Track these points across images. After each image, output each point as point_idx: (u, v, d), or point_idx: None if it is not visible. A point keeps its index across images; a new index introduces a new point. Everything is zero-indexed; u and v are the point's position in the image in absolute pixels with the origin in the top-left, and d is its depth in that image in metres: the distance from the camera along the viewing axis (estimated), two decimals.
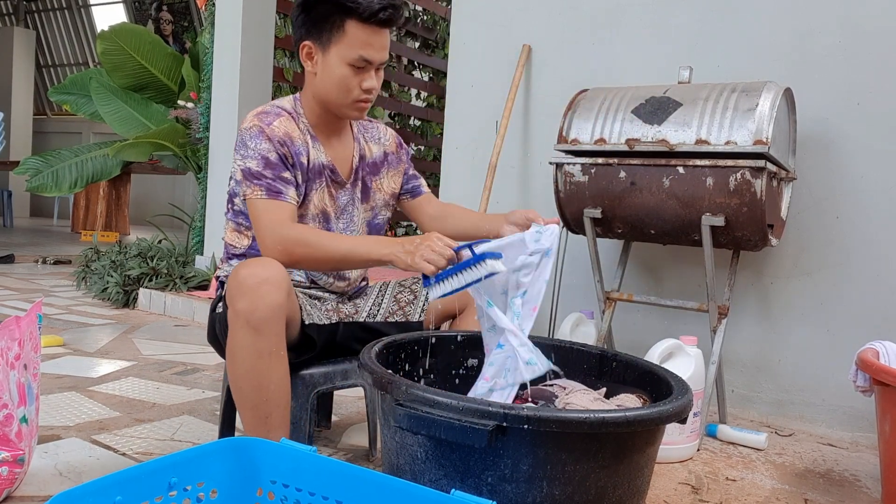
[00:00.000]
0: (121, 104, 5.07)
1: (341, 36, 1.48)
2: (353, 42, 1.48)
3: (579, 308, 2.52)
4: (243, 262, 1.44)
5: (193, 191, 6.78)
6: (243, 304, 1.35)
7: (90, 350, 2.76)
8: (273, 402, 1.41)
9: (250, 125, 1.51)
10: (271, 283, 1.36)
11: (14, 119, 10.50)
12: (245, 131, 1.51)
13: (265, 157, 1.48)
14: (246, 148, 1.50)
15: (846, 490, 1.77)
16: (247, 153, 1.49)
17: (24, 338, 1.44)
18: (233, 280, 1.39)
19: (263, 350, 1.37)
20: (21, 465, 1.40)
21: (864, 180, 2.20)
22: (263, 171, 1.48)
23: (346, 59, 1.49)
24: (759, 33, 2.35)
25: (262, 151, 1.48)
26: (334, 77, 1.51)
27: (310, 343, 1.57)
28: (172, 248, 4.34)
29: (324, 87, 1.54)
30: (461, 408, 1.08)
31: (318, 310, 1.63)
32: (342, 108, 1.56)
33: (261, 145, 1.49)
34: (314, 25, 1.50)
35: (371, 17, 1.46)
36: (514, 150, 2.88)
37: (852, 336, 2.14)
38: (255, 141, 1.49)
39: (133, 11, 10.83)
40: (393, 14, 1.48)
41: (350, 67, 1.50)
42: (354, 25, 1.47)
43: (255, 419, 1.42)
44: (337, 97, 1.54)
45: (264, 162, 1.48)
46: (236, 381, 1.41)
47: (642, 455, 1.20)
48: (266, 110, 1.55)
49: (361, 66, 1.50)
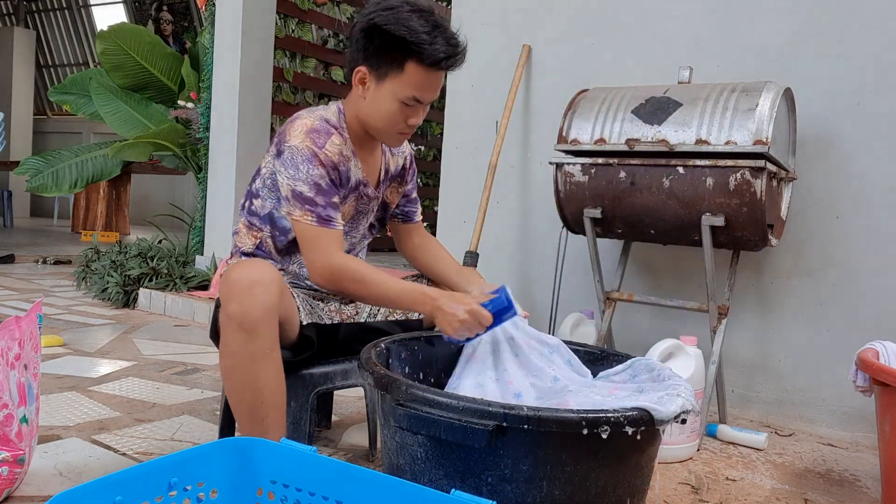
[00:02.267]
0: (121, 104, 5.07)
1: (399, 73, 1.45)
2: (409, 82, 1.45)
3: (579, 308, 2.52)
4: (234, 265, 1.44)
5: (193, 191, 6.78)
6: (234, 306, 1.35)
7: (90, 350, 2.76)
8: (269, 403, 1.41)
9: (301, 145, 1.47)
10: (262, 284, 1.35)
11: (14, 119, 10.51)
12: (296, 150, 1.47)
13: (317, 183, 1.46)
14: (297, 170, 1.46)
15: (846, 490, 1.77)
16: (297, 175, 1.46)
17: (24, 338, 1.44)
18: (224, 282, 1.39)
19: (256, 352, 1.37)
20: (21, 465, 1.40)
21: (864, 180, 2.20)
22: (315, 197, 1.46)
23: (398, 95, 1.47)
24: (759, 33, 2.35)
25: (315, 178, 1.46)
26: (382, 109, 1.49)
27: (308, 343, 1.57)
28: (172, 248, 4.34)
29: (370, 113, 1.52)
30: (461, 408, 1.08)
31: (321, 310, 1.63)
32: (383, 135, 1.55)
33: (313, 171, 1.46)
34: (374, 54, 1.47)
35: (434, 64, 1.44)
36: (514, 150, 2.88)
37: (852, 336, 2.14)
38: (307, 165, 1.46)
39: (133, 11, 10.83)
40: (455, 62, 1.47)
41: (400, 104, 1.48)
42: (414, 67, 1.44)
43: (251, 422, 1.42)
44: (381, 127, 1.53)
45: (316, 189, 1.46)
46: (231, 384, 1.41)
47: (642, 455, 1.20)
48: (316, 128, 1.51)
49: (412, 104, 1.49)
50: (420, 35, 1.41)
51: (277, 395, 1.43)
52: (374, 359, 1.33)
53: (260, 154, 4.18)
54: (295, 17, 4.68)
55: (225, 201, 4.09)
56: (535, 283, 2.83)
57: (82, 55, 11.80)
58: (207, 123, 4.21)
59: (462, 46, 1.48)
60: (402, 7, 1.44)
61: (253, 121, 4.10)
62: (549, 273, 2.71)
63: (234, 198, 4.04)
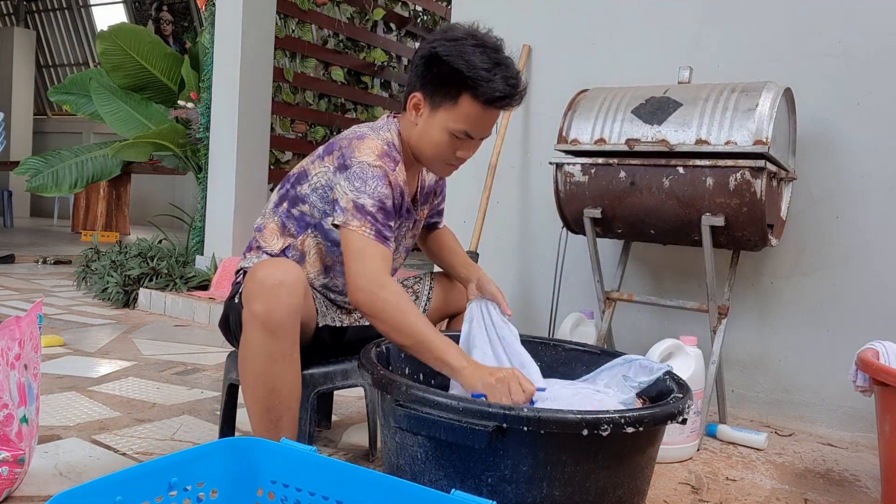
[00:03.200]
0: (121, 104, 5.07)
1: (453, 106, 1.44)
2: (462, 116, 1.44)
3: (579, 308, 2.52)
4: (261, 263, 1.43)
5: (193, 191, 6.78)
6: (259, 305, 1.34)
7: (90, 350, 2.76)
8: (285, 405, 1.41)
9: (375, 164, 1.45)
10: (287, 285, 1.35)
11: (14, 119, 10.51)
12: (367, 167, 1.45)
13: (383, 202, 1.44)
14: (364, 184, 1.43)
15: (846, 490, 1.77)
16: (364, 189, 1.43)
17: (24, 338, 1.44)
18: (250, 280, 1.38)
19: (277, 353, 1.37)
20: (21, 465, 1.40)
21: (864, 180, 2.20)
22: (377, 213, 1.43)
23: (450, 128, 1.46)
24: (759, 33, 2.35)
25: (382, 197, 1.44)
26: (433, 138, 1.48)
27: (321, 344, 1.57)
28: (172, 248, 4.34)
29: (420, 140, 1.51)
30: (461, 408, 1.08)
31: (335, 312, 1.63)
32: (430, 164, 1.54)
33: (382, 190, 1.44)
34: (431, 82, 1.45)
35: (489, 102, 1.42)
36: (514, 150, 2.88)
37: (852, 336, 2.14)
38: (377, 182, 1.44)
39: (133, 11, 10.83)
40: (510, 103, 1.44)
41: (451, 136, 1.47)
42: (469, 102, 1.42)
43: (265, 421, 1.42)
44: (430, 155, 1.51)
45: (380, 206, 1.44)
46: (249, 383, 1.41)
47: (642, 455, 1.20)
48: (387, 152, 1.49)
49: (463, 138, 1.47)
50: (479, 71, 1.39)
51: (294, 397, 1.43)
52: (374, 359, 1.33)
53: (261, 154, 4.19)
54: (295, 17, 4.68)
55: (225, 201, 4.09)
56: (535, 282, 2.83)
57: (82, 55, 11.80)
58: (207, 123, 4.21)
59: (521, 87, 1.45)
60: (467, 40, 1.43)
61: (253, 121, 4.10)
62: (549, 273, 2.71)
63: (234, 198, 4.03)
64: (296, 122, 4.79)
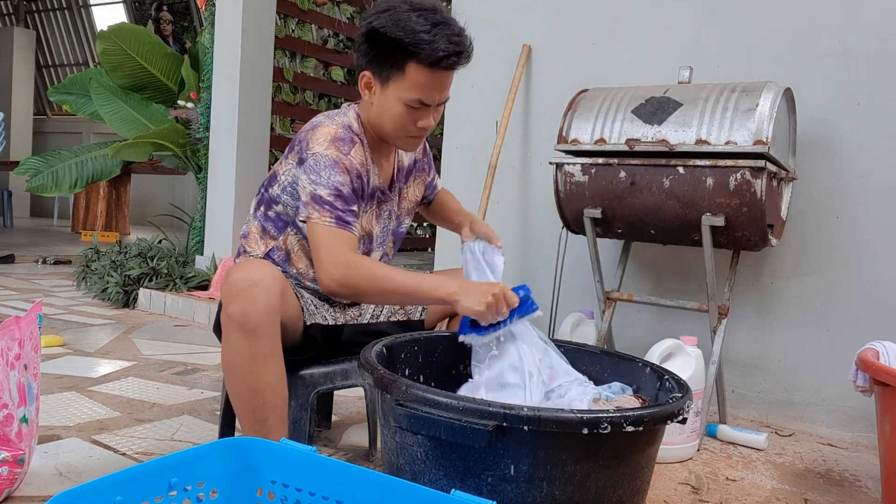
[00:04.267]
0: (121, 104, 5.07)
1: (401, 76, 1.43)
2: (412, 84, 1.43)
3: (579, 308, 2.52)
4: (235, 265, 1.43)
5: (193, 191, 6.78)
6: (235, 307, 1.34)
7: (90, 350, 2.76)
8: (270, 404, 1.41)
9: (325, 152, 1.45)
10: (262, 285, 1.35)
11: (14, 119, 10.50)
12: (320, 157, 1.45)
13: (339, 189, 1.44)
14: (318, 175, 1.44)
15: (846, 490, 1.77)
16: (319, 180, 1.43)
17: (24, 338, 1.44)
18: (224, 283, 1.38)
19: (258, 353, 1.37)
20: (21, 465, 1.40)
21: (864, 180, 2.20)
22: (335, 202, 1.43)
23: (403, 99, 1.45)
24: (759, 33, 2.35)
25: (337, 184, 1.44)
26: (390, 113, 1.48)
27: (312, 343, 1.56)
28: (172, 248, 4.34)
29: (379, 118, 1.51)
30: (461, 408, 1.08)
31: (325, 310, 1.63)
32: (395, 140, 1.54)
33: (336, 177, 1.44)
34: (375, 58, 1.45)
35: (433, 64, 1.40)
36: (514, 150, 2.88)
37: (852, 336, 2.14)
38: (329, 171, 1.44)
39: (133, 11, 10.83)
40: (457, 61, 1.42)
41: (407, 107, 1.46)
42: (415, 68, 1.41)
43: (252, 422, 1.41)
44: (391, 131, 1.51)
45: (336, 194, 1.43)
46: (232, 385, 1.41)
47: (642, 455, 1.20)
48: (341, 136, 1.49)
49: (418, 107, 1.46)
50: (418, 35, 1.38)
51: (278, 396, 1.42)
52: (374, 359, 1.33)
53: (261, 154, 4.18)
54: (295, 17, 4.68)
55: (225, 201, 4.09)
56: (535, 283, 2.82)
57: (82, 55, 11.80)
58: (207, 123, 4.21)
59: (466, 43, 1.43)
60: (401, 7, 1.41)
61: (253, 121, 4.10)
62: (549, 273, 2.71)
63: (233, 198, 4.03)
64: (296, 122, 4.79)
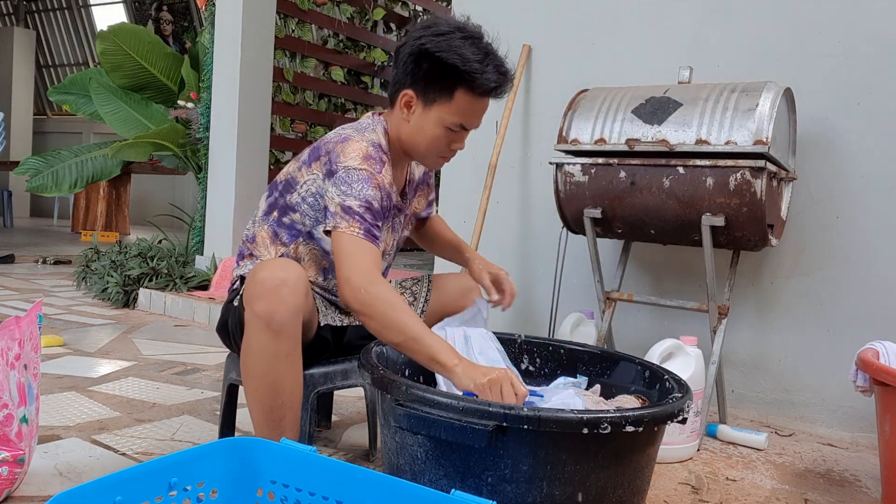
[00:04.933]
0: (120, 104, 5.07)
1: (448, 100, 1.44)
2: (457, 110, 1.45)
3: (579, 308, 2.52)
4: (262, 263, 1.43)
5: (193, 191, 6.78)
6: (262, 306, 1.34)
7: (90, 350, 2.76)
8: (287, 404, 1.41)
9: (360, 167, 1.44)
10: (290, 285, 1.35)
11: (14, 119, 10.50)
12: (352, 171, 1.43)
13: (369, 203, 1.43)
14: (350, 187, 1.42)
15: (846, 490, 1.77)
16: (350, 192, 1.42)
17: (24, 338, 1.44)
18: (251, 281, 1.38)
19: (281, 353, 1.37)
20: (21, 465, 1.40)
21: (864, 180, 2.20)
22: (364, 214, 1.42)
23: (445, 122, 1.46)
24: (759, 33, 2.35)
25: (369, 198, 1.43)
26: (427, 134, 1.48)
27: (323, 344, 1.57)
28: (172, 248, 4.34)
29: (413, 137, 1.51)
30: (461, 408, 1.08)
31: (334, 312, 1.63)
32: (425, 159, 1.55)
33: (368, 192, 1.43)
34: (422, 79, 1.45)
35: (484, 93, 1.44)
36: (514, 150, 2.88)
37: (852, 336, 2.14)
38: (362, 185, 1.43)
39: (133, 11, 10.83)
40: (505, 90, 1.46)
41: (446, 129, 1.47)
42: (464, 95, 1.43)
43: (268, 421, 1.42)
44: (424, 151, 1.52)
45: (367, 207, 1.42)
46: (252, 383, 1.41)
47: (642, 455, 1.20)
48: (372, 155, 1.47)
49: (457, 130, 1.48)
50: (472, 64, 1.40)
51: (296, 397, 1.43)
52: (374, 359, 1.33)
53: (261, 154, 4.18)
54: (295, 17, 4.68)
55: (225, 201, 4.09)
56: (535, 283, 2.82)
57: (82, 55, 11.79)
58: (207, 123, 4.21)
59: (511, 74, 1.48)
60: (455, 34, 1.43)
61: (253, 121, 4.10)
62: (549, 273, 2.71)
63: (234, 198, 4.03)
64: (296, 122, 4.79)
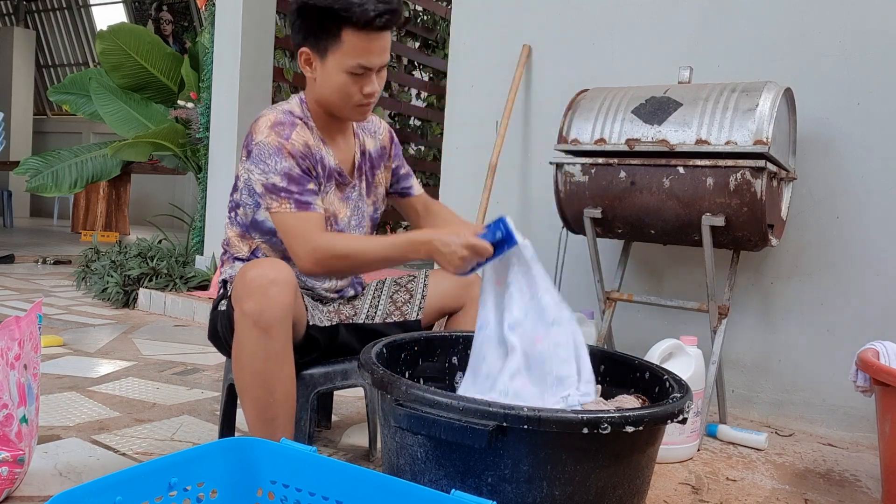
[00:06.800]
0: (120, 104, 5.07)
1: (338, 44, 1.43)
2: (349, 50, 1.43)
3: (579, 308, 2.52)
4: (251, 263, 1.43)
5: (193, 191, 6.78)
6: (251, 304, 1.34)
7: (90, 350, 2.76)
8: (280, 403, 1.41)
9: (267, 140, 1.46)
10: (279, 284, 1.35)
11: (14, 119, 10.50)
12: (263, 146, 1.46)
13: (288, 174, 1.45)
14: (266, 164, 1.45)
15: (846, 490, 1.77)
16: (267, 168, 1.45)
17: (24, 338, 1.44)
18: (240, 280, 1.38)
19: (271, 351, 1.37)
20: (21, 465, 1.40)
21: (864, 180, 2.20)
22: (289, 186, 1.44)
23: (344, 67, 1.45)
24: (759, 33, 2.35)
25: (285, 169, 1.45)
26: (334, 84, 1.48)
27: (313, 344, 1.57)
28: (172, 249, 4.34)
29: (324, 92, 1.51)
30: (461, 408, 1.08)
31: (321, 311, 1.63)
32: (344, 111, 1.54)
33: (282, 163, 1.45)
34: (310, 32, 1.45)
35: (367, 25, 1.40)
36: (514, 150, 2.88)
37: (852, 336, 2.14)
38: (275, 158, 1.45)
39: (133, 11, 10.83)
40: (390, 19, 1.42)
41: (349, 75, 1.46)
42: (350, 33, 1.41)
43: (261, 421, 1.42)
44: (338, 102, 1.51)
45: (288, 178, 1.45)
46: (243, 383, 1.41)
47: (642, 455, 1.20)
48: (280, 120, 1.49)
49: (360, 73, 1.46)
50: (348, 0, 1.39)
51: (289, 396, 1.43)
52: (374, 359, 1.33)
53: None
54: None
55: (225, 201, 4.06)
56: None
57: (82, 55, 11.79)
58: (207, 123, 4.21)
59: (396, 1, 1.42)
60: None
61: None
62: (549, 273, 2.71)
63: None
64: None
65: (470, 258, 1.35)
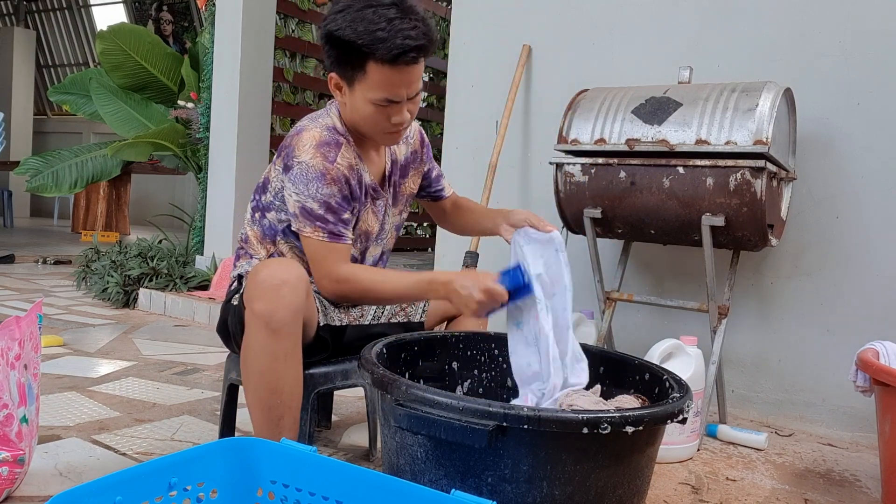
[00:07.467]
0: (120, 104, 5.07)
1: (363, 76, 1.39)
2: (375, 84, 1.39)
3: (579, 308, 2.52)
4: (263, 262, 1.43)
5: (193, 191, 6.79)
6: (262, 305, 1.34)
7: (90, 350, 2.76)
8: (286, 404, 1.41)
9: (311, 162, 1.43)
10: (291, 285, 1.35)
11: (14, 119, 10.50)
12: (307, 167, 1.43)
13: (327, 202, 1.43)
14: (306, 187, 1.42)
15: (846, 490, 1.77)
16: (307, 192, 1.42)
17: (24, 338, 1.44)
18: (252, 280, 1.38)
19: (280, 352, 1.37)
20: (21, 465, 1.40)
21: (864, 180, 2.20)
22: (325, 214, 1.43)
23: (370, 99, 1.41)
24: (759, 33, 2.35)
25: (325, 197, 1.43)
26: (362, 113, 1.45)
27: (322, 344, 1.57)
28: (172, 248, 4.34)
29: (353, 118, 1.49)
30: (461, 408, 1.08)
31: (332, 311, 1.63)
32: (374, 137, 1.52)
33: (323, 189, 1.42)
34: (337, 61, 1.42)
35: (393, 61, 1.36)
36: (514, 150, 2.88)
37: (852, 336, 2.14)
38: (317, 184, 1.42)
39: (133, 11, 10.83)
40: (417, 56, 1.37)
41: (376, 106, 1.42)
42: (376, 68, 1.37)
43: (267, 421, 1.42)
44: (366, 130, 1.49)
45: (326, 207, 1.43)
46: (251, 382, 1.41)
47: (642, 455, 1.20)
48: (326, 140, 1.46)
49: (387, 105, 1.42)
50: (374, 34, 1.34)
51: (295, 397, 1.43)
52: (374, 359, 1.33)
53: (261, 154, 4.18)
54: (295, 17, 4.68)
55: (225, 201, 4.09)
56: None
57: (82, 55, 11.79)
58: (207, 123, 4.21)
59: (427, 36, 1.38)
60: (354, 5, 1.37)
61: (253, 121, 4.10)
62: None
63: (234, 198, 4.03)
64: (296, 122, 4.79)
65: (487, 303, 1.38)
